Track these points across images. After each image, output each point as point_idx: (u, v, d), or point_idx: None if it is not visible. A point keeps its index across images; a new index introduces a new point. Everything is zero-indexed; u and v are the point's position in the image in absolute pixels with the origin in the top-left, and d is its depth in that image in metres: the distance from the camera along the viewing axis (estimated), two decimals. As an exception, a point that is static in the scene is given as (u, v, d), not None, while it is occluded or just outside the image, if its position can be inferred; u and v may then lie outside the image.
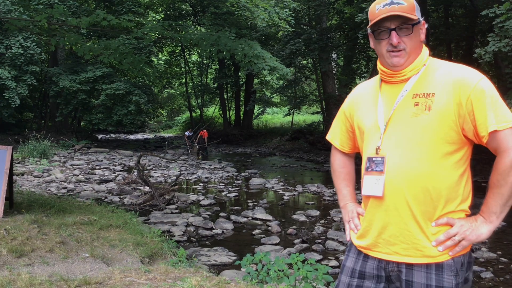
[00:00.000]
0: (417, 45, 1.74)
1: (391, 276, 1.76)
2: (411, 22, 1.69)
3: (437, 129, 1.65)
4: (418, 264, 1.68)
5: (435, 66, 1.77)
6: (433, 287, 1.65)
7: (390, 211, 1.71)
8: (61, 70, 25.18)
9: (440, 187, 1.67)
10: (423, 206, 1.67)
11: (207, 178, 14.49)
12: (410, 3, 1.69)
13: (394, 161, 1.70)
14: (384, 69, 1.80)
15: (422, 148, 1.67)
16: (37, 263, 4.46)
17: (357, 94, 1.99)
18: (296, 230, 7.94)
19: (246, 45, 9.63)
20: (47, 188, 11.65)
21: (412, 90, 1.73)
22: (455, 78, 1.66)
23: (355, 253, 1.88)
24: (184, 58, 35.78)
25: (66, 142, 23.71)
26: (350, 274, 1.87)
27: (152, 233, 6.17)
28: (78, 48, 9.23)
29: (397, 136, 1.72)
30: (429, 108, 1.66)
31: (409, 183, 1.67)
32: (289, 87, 27.32)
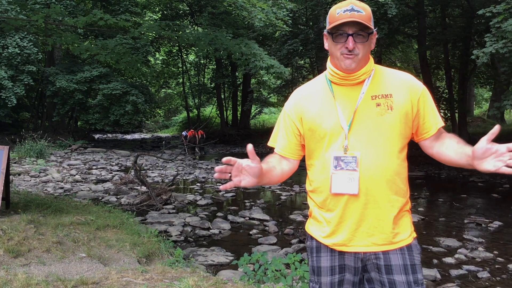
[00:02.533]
0: (368, 53, 1.88)
1: (367, 265, 1.88)
2: (368, 30, 1.80)
3: (399, 126, 1.85)
4: (393, 250, 1.86)
5: (382, 71, 1.94)
6: (409, 265, 1.85)
7: (368, 205, 1.82)
8: (58, 70, 25.11)
9: (402, 178, 1.89)
10: (395, 195, 1.85)
11: (204, 178, 14.48)
12: (368, 12, 1.81)
13: (367, 159, 1.82)
14: (337, 71, 1.89)
15: (389, 144, 1.84)
16: (34, 263, 4.44)
17: (303, 97, 1.98)
18: (293, 230, 7.94)
19: (243, 45, 9.64)
20: (43, 188, 11.62)
21: (368, 92, 1.87)
22: (405, 82, 1.90)
23: (328, 252, 1.93)
24: (181, 57, 35.71)
25: (63, 142, 23.65)
26: (330, 273, 1.92)
27: (149, 233, 6.16)
28: (75, 47, 9.23)
29: (364, 134, 1.83)
30: (391, 108, 1.84)
31: (384, 177, 1.82)
32: (287, 87, 27.32)
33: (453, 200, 10.66)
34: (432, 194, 11.93)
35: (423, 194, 11.86)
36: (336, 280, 1.91)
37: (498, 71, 17.50)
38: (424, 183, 13.62)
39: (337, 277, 1.91)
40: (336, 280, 1.91)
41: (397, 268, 1.83)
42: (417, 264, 1.87)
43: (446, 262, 6.28)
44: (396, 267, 1.83)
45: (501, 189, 12.17)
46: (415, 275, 1.85)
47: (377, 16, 14.00)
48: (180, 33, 11.00)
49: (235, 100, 35.00)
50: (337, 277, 1.91)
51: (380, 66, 1.98)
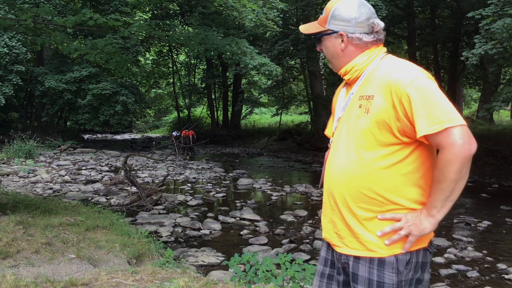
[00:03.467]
0: (336, 53, 1.84)
1: (345, 268, 1.83)
2: (316, 35, 1.85)
3: (374, 132, 1.67)
4: (363, 257, 1.73)
5: (379, 67, 1.77)
6: (375, 282, 1.69)
7: (333, 207, 1.81)
8: (47, 69, 24.90)
9: (377, 188, 1.69)
10: (362, 204, 1.72)
11: (194, 179, 14.45)
12: (326, 13, 1.82)
13: (335, 161, 1.80)
14: None
15: (361, 150, 1.71)
16: (23, 264, 4.40)
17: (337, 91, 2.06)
18: (284, 230, 7.94)
19: (234, 44, 9.62)
20: (32, 188, 11.52)
21: (358, 92, 1.80)
22: (389, 80, 1.65)
23: (326, 243, 1.96)
24: (171, 58, 35.61)
25: (52, 143, 23.47)
26: (323, 263, 1.95)
27: (139, 234, 6.13)
28: (64, 47, 9.15)
29: (340, 136, 1.82)
30: (367, 111, 1.69)
31: (348, 183, 1.73)
32: (277, 87, 27.36)
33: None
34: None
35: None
36: (326, 272, 1.93)
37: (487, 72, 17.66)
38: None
39: (328, 269, 1.93)
40: (327, 272, 1.93)
41: (362, 279, 1.72)
42: (386, 283, 1.67)
43: (436, 262, 6.32)
44: (361, 278, 1.73)
45: (490, 189, 12.28)
46: None
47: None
48: (170, 33, 10.95)
49: (226, 101, 34.98)
50: (328, 270, 1.93)
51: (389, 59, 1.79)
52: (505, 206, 9.81)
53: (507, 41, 9.34)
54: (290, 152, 23.51)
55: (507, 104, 12.33)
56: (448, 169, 1.57)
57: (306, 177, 15.51)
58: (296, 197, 11.58)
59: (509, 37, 9.22)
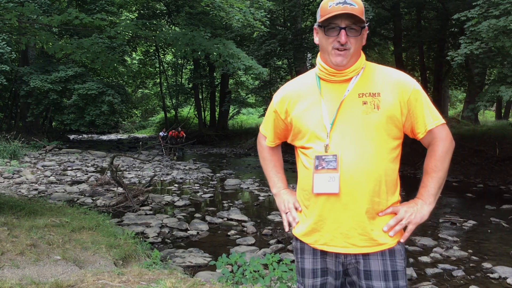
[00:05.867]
0: (359, 48, 1.84)
1: (349, 269, 1.84)
2: (361, 24, 1.77)
3: (386, 126, 1.79)
4: (374, 253, 1.80)
5: (373, 69, 1.88)
6: (389, 272, 1.80)
7: (348, 206, 1.78)
8: (32, 69, 24.62)
9: (389, 180, 1.83)
10: (377, 198, 1.79)
11: (182, 179, 14.39)
12: (360, 6, 1.77)
13: (349, 158, 1.77)
14: (326, 67, 1.85)
15: (375, 144, 1.78)
16: (7, 266, 4.35)
17: (291, 92, 1.98)
18: (272, 230, 7.95)
19: (221, 45, 9.61)
20: (17, 189, 11.38)
21: (356, 90, 1.81)
22: (396, 80, 1.82)
23: (311, 254, 1.92)
24: (158, 57, 35.46)
25: (37, 143, 23.21)
26: (312, 275, 1.91)
27: (125, 235, 6.09)
28: (49, 47, 9.07)
29: (348, 133, 1.79)
30: (377, 107, 1.78)
31: (366, 178, 1.76)
32: (265, 88, 27.39)
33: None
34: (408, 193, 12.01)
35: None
36: (318, 283, 1.90)
37: (472, 73, 17.87)
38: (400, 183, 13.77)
39: (319, 280, 1.90)
40: (318, 283, 1.90)
41: (377, 274, 1.78)
42: (399, 270, 1.80)
43: (422, 261, 6.37)
44: (375, 273, 1.78)
45: (475, 189, 12.41)
46: (396, 282, 1.79)
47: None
48: (157, 32, 10.91)
49: (213, 101, 34.93)
50: (319, 280, 1.90)
51: (373, 63, 1.93)
52: (490, 206, 9.92)
53: (492, 41, 9.46)
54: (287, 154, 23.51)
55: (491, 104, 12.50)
56: (446, 159, 1.83)
57: (293, 177, 15.44)
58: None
59: (494, 37, 9.34)
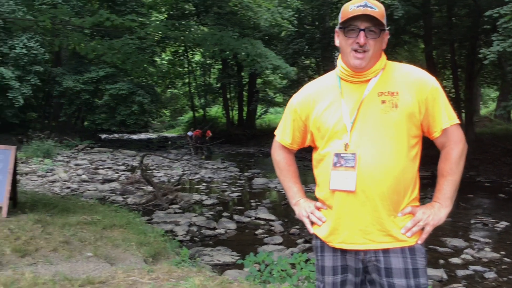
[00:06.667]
0: (379, 50, 1.86)
1: (368, 266, 1.85)
2: (380, 26, 1.80)
3: (404, 125, 1.80)
4: (394, 249, 1.81)
5: (393, 68, 1.91)
6: (411, 270, 1.80)
7: (366, 203, 1.79)
8: (65, 70, 25.22)
9: (408, 178, 1.83)
10: (396, 196, 1.80)
11: (210, 178, 14.50)
12: (381, 9, 1.81)
13: (367, 156, 1.79)
14: (346, 68, 1.89)
15: (394, 143, 1.80)
16: (41, 262, 4.47)
17: (312, 93, 2.01)
18: (299, 230, 7.93)
19: (249, 44, 9.65)
20: (50, 187, 11.68)
21: (375, 89, 1.84)
22: (414, 79, 1.84)
23: (330, 252, 1.93)
24: (187, 58, 35.77)
25: (69, 142, 23.75)
26: (332, 272, 1.92)
27: (155, 233, 6.18)
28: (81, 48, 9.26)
29: (367, 132, 1.81)
30: (396, 105, 1.80)
31: (384, 176, 1.78)
32: (292, 87, 27.28)
33: (460, 200, 10.61)
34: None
35: (429, 195, 11.81)
36: (338, 280, 1.91)
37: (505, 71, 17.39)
38: (430, 183, 13.50)
39: (339, 277, 1.90)
40: (339, 280, 1.90)
41: (397, 271, 1.79)
42: (420, 268, 1.81)
43: (453, 263, 6.26)
44: (396, 271, 1.79)
45: (508, 189, 12.10)
46: (417, 280, 1.80)
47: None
48: (186, 33, 11.02)
49: (241, 100, 35.01)
50: (339, 277, 1.90)
51: (393, 62, 1.95)
52: (523, 207, 9.67)
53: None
54: (305, 152, 23.34)
55: (526, 103, 12.14)
56: (460, 162, 1.85)
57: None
58: (311, 196, 11.46)
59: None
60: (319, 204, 1.99)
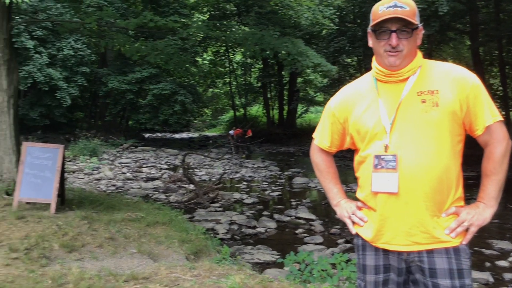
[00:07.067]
0: (413, 49, 1.83)
1: (411, 267, 1.83)
2: (412, 26, 1.77)
3: (447, 123, 1.77)
4: (438, 249, 1.78)
5: (431, 66, 1.88)
6: (455, 270, 1.77)
7: (409, 204, 1.77)
8: (110, 71, 25.91)
9: (452, 177, 1.80)
10: (439, 196, 1.78)
11: (250, 177, 14.56)
12: (412, 8, 1.78)
13: (409, 157, 1.77)
14: (381, 69, 1.87)
15: (435, 142, 1.77)
16: (87, 258, 4.61)
17: (349, 95, 2.00)
18: (340, 230, 7.85)
19: (289, 43, 9.63)
20: (96, 185, 12.03)
21: (414, 88, 1.81)
22: (454, 76, 1.80)
23: (373, 251, 1.91)
24: (228, 57, 36.02)
25: (114, 141, 24.36)
26: (374, 271, 1.91)
27: (196, 231, 6.26)
28: (126, 49, 9.49)
29: (407, 132, 1.79)
30: (436, 104, 1.77)
31: (426, 177, 1.76)
32: (333, 86, 27.02)
33: (508, 201, 10.21)
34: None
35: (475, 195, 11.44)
36: (380, 279, 1.89)
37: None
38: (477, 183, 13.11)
39: (381, 276, 1.89)
40: (381, 279, 1.89)
41: (442, 272, 1.76)
42: (464, 268, 1.78)
43: (499, 266, 6.05)
44: (440, 271, 1.76)
45: (561, 191, 11.56)
46: (462, 280, 1.76)
47: (427, 13, 13.64)
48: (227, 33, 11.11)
49: (281, 99, 34.93)
50: (381, 276, 1.89)
51: (431, 60, 1.91)
52: None
53: None
54: (346, 151, 23.11)
55: None
56: (504, 161, 1.81)
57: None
58: (351, 196, 11.33)
59: None
60: (360, 204, 1.97)
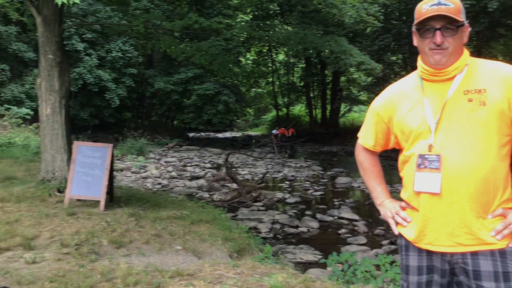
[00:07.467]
0: (459, 46, 1.79)
1: (455, 268, 1.79)
2: (456, 23, 1.74)
3: (494, 123, 1.72)
4: (482, 251, 1.73)
5: (478, 64, 1.83)
6: (501, 273, 1.71)
7: (452, 205, 1.74)
8: (156, 72, 26.49)
9: (498, 178, 1.74)
10: (485, 197, 1.73)
11: (293, 177, 14.55)
12: (456, 5, 1.74)
13: (454, 157, 1.74)
14: (426, 67, 1.84)
15: (482, 142, 1.73)
16: (134, 254, 4.76)
17: (394, 94, 1.98)
18: (384, 231, 7.74)
19: (333, 42, 9.57)
20: (143, 183, 12.35)
21: (461, 87, 1.77)
22: (503, 75, 1.75)
23: (416, 251, 1.89)
24: (271, 57, 36.07)
25: (160, 140, 24.90)
26: (417, 272, 1.89)
27: (239, 229, 6.33)
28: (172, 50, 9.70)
29: (452, 132, 1.76)
30: (484, 103, 1.72)
31: (471, 177, 1.72)
32: (378, 85, 26.56)
33: None
34: None
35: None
36: (424, 280, 1.87)
37: None
38: None
39: (425, 277, 1.87)
40: (424, 280, 1.87)
41: (487, 274, 1.71)
42: (510, 271, 1.72)
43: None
44: (485, 273, 1.72)
45: None
46: (508, 284, 1.71)
47: (476, 9, 13.21)
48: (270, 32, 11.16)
49: (324, 99, 34.64)
50: (425, 277, 1.87)
51: (478, 59, 1.86)
52: None
53: None
54: (390, 151, 22.64)
55: None
56: None
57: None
58: (396, 197, 11.15)
59: None
60: (404, 204, 1.96)
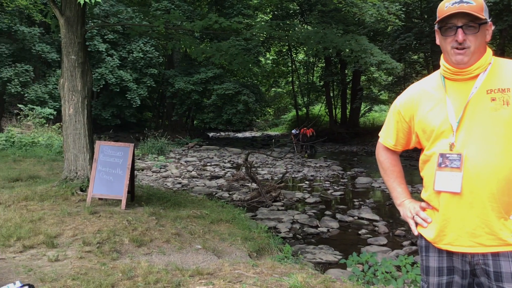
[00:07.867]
0: (482, 45, 1.77)
1: (476, 269, 1.78)
2: (478, 21, 1.72)
3: None
4: (504, 252, 1.71)
5: (502, 64, 1.81)
6: None
7: (473, 204, 1.73)
8: (177, 72, 26.71)
9: None
10: (507, 197, 1.71)
11: (312, 176, 14.51)
12: (479, 3, 1.73)
13: (475, 157, 1.73)
14: (449, 66, 1.83)
15: (504, 141, 1.71)
16: (155, 252, 4.81)
17: (415, 93, 1.97)
18: (405, 231, 7.67)
19: (353, 41, 9.50)
20: (163, 183, 12.46)
21: (484, 86, 1.76)
22: None
23: (436, 252, 1.88)
24: (290, 57, 36.02)
25: (180, 140, 25.11)
26: (437, 273, 1.88)
27: (259, 229, 6.35)
28: (192, 50, 9.76)
29: (475, 131, 1.74)
30: (507, 103, 1.71)
31: (493, 177, 1.70)
32: (398, 84, 26.30)
33: None
34: None
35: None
36: (444, 281, 1.86)
37: None
38: None
39: (445, 278, 1.86)
40: (444, 281, 1.86)
41: (508, 276, 1.69)
42: None
43: None
44: (507, 275, 1.69)
45: None
46: None
47: (499, 7, 12.99)
48: (290, 32, 11.14)
49: (344, 98, 34.45)
50: (445, 278, 1.86)
51: (501, 58, 1.85)
52: None
53: None
54: (412, 151, 22.48)
55: None
56: None
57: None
58: (417, 197, 10.99)
59: None
60: (424, 205, 1.94)
